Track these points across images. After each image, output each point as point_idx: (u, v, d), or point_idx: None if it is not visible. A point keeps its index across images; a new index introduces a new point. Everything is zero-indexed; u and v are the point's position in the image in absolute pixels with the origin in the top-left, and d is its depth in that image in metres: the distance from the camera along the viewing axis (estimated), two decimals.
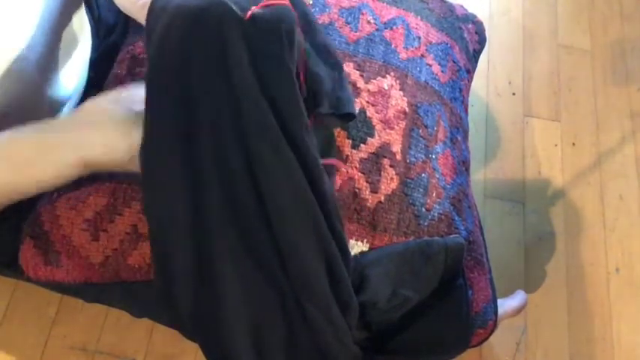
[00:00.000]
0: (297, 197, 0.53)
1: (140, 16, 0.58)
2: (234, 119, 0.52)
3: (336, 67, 0.65)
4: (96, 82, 0.79)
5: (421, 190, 0.70)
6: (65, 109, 0.74)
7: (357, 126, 0.70)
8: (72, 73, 0.72)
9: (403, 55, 0.78)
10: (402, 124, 0.72)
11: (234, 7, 0.50)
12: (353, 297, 0.59)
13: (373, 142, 0.70)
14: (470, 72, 0.89)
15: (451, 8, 0.89)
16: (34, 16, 0.59)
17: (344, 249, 0.58)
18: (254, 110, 0.51)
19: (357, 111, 0.69)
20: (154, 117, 0.53)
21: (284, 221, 0.54)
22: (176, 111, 0.53)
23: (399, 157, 0.70)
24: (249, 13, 0.50)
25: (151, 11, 0.54)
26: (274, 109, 0.52)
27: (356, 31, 0.78)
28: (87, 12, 0.77)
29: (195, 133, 0.53)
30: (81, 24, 0.73)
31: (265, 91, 0.51)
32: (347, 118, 0.67)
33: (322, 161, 0.56)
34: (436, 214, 0.70)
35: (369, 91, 0.73)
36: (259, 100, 0.51)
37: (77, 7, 0.70)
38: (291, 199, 0.53)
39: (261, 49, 0.51)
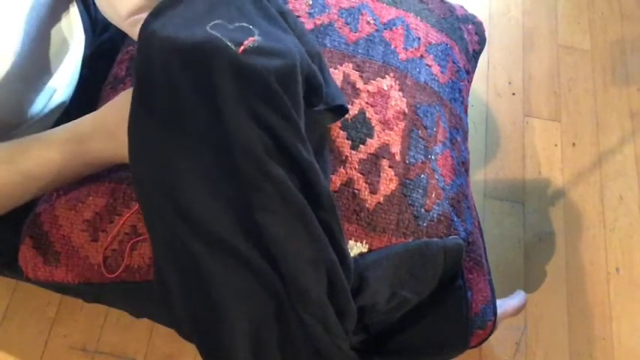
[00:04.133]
0: (286, 211, 0.53)
1: (129, 32, 0.57)
2: (222, 148, 0.51)
3: (315, 60, 0.65)
4: (92, 80, 0.79)
5: (420, 190, 0.70)
6: (56, 108, 0.74)
7: (357, 127, 0.70)
8: (62, 75, 0.72)
9: (403, 56, 0.78)
10: (402, 124, 0.72)
11: (229, 43, 0.49)
12: (351, 303, 0.58)
13: (372, 143, 0.70)
14: (469, 72, 0.89)
15: (451, 9, 0.89)
16: (20, 20, 0.59)
17: (343, 253, 0.58)
18: (243, 142, 0.51)
19: (347, 104, 0.68)
20: (135, 144, 0.54)
21: (275, 235, 0.53)
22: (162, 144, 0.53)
23: (398, 157, 0.70)
24: (242, 48, 0.50)
25: (141, 34, 0.52)
26: (271, 137, 0.51)
27: (355, 32, 0.78)
28: (82, 9, 0.77)
29: (183, 162, 0.53)
30: (72, 24, 0.73)
31: (259, 121, 0.51)
32: (340, 113, 0.66)
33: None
34: (435, 215, 0.70)
35: (368, 91, 0.73)
36: (248, 132, 0.50)
37: (66, 9, 0.70)
38: (279, 214, 0.53)
39: (252, 82, 0.50)
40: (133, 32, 0.54)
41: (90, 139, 0.59)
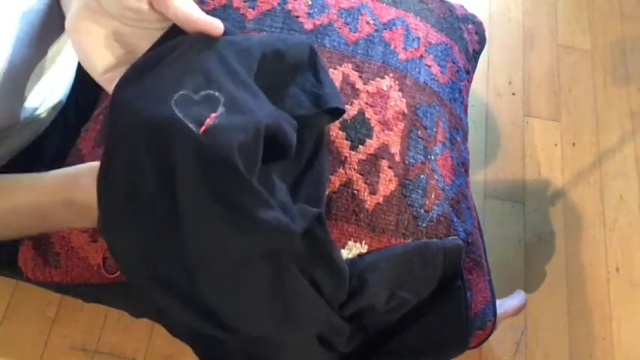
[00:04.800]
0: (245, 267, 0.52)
1: (106, 87, 0.56)
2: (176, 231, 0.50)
3: (311, 59, 0.64)
4: (90, 79, 0.78)
5: (420, 191, 0.70)
6: (51, 109, 0.74)
7: (356, 127, 0.70)
8: (58, 76, 0.72)
9: (402, 56, 0.78)
10: (401, 125, 0.72)
11: (190, 124, 0.48)
12: (339, 320, 0.58)
13: (372, 144, 0.70)
14: (469, 72, 0.89)
15: (451, 8, 0.89)
16: (13, 24, 0.58)
17: (335, 267, 0.57)
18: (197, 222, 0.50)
19: (344, 105, 0.67)
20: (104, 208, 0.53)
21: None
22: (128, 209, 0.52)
23: (397, 158, 0.70)
24: (203, 128, 0.48)
25: (113, 102, 0.52)
26: (236, 214, 0.50)
27: (355, 32, 0.78)
28: None
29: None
30: None
31: (218, 197, 0.49)
32: (337, 114, 0.66)
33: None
34: (435, 216, 0.70)
35: (367, 92, 0.73)
36: (206, 210, 0.49)
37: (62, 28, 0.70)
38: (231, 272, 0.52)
39: (213, 162, 0.49)
40: (109, 88, 0.54)
41: (81, 175, 0.58)
